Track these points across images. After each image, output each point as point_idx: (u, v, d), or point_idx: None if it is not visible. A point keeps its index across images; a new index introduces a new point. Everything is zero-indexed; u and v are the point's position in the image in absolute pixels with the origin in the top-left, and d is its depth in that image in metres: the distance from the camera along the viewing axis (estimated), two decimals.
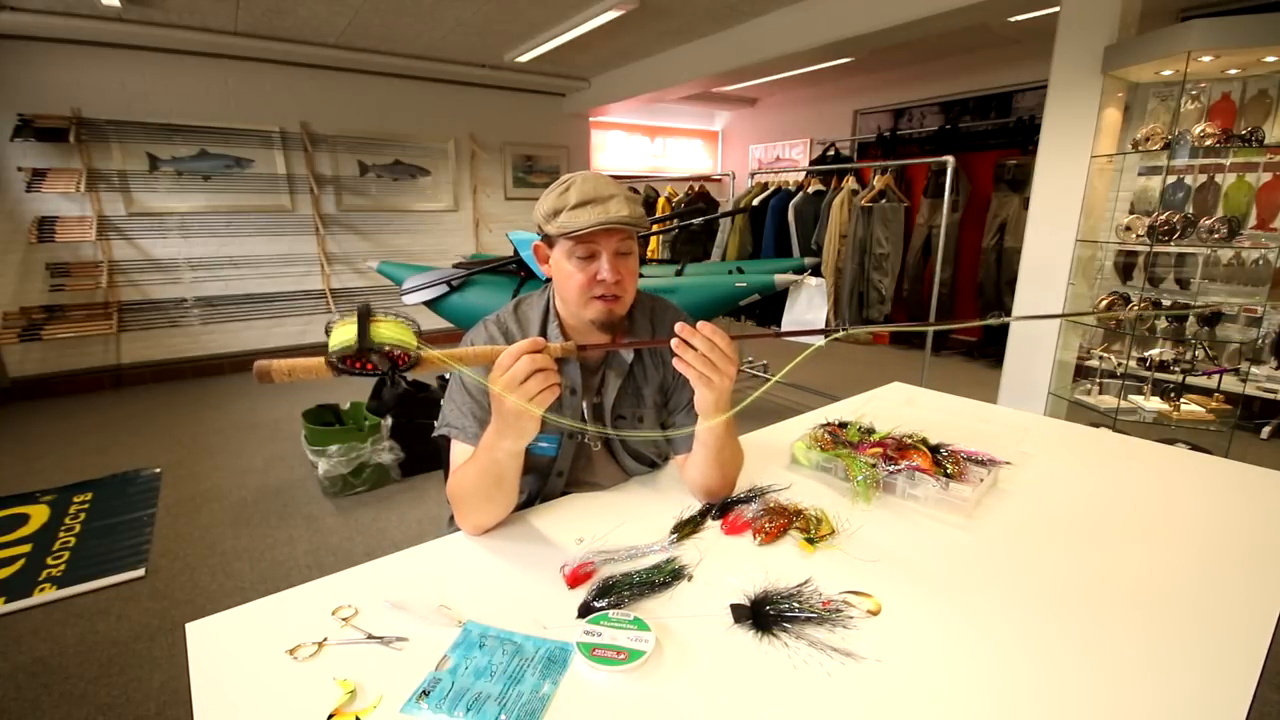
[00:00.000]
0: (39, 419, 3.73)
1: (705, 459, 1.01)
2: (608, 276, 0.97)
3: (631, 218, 0.95)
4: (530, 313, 1.09)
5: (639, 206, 0.99)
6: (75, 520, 2.47)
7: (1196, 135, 2.39)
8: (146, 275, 4.38)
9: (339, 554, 2.25)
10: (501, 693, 0.65)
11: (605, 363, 1.10)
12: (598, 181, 0.97)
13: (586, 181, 0.97)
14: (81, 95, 3.99)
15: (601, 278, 0.97)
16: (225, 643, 0.73)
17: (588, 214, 0.94)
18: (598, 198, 0.95)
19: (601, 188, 0.96)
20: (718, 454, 1.00)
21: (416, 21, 3.89)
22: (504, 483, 0.91)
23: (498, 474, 0.89)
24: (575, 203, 0.95)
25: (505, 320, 1.08)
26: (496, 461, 0.87)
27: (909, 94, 5.65)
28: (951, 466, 1.08)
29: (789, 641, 0.72)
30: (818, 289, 3.19)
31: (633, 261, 1.02)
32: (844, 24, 3.39)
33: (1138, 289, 2.88)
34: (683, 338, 0.85)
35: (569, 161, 6.16)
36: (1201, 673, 0.68)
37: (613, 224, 0.94)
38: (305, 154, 4.77)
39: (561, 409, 1.07)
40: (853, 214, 4.42)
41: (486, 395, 1.01)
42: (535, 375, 0.77)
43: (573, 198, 0.95)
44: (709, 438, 0.98)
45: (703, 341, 0.85)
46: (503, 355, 0.78)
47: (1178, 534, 0.99)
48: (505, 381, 0.78)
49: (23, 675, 1.65)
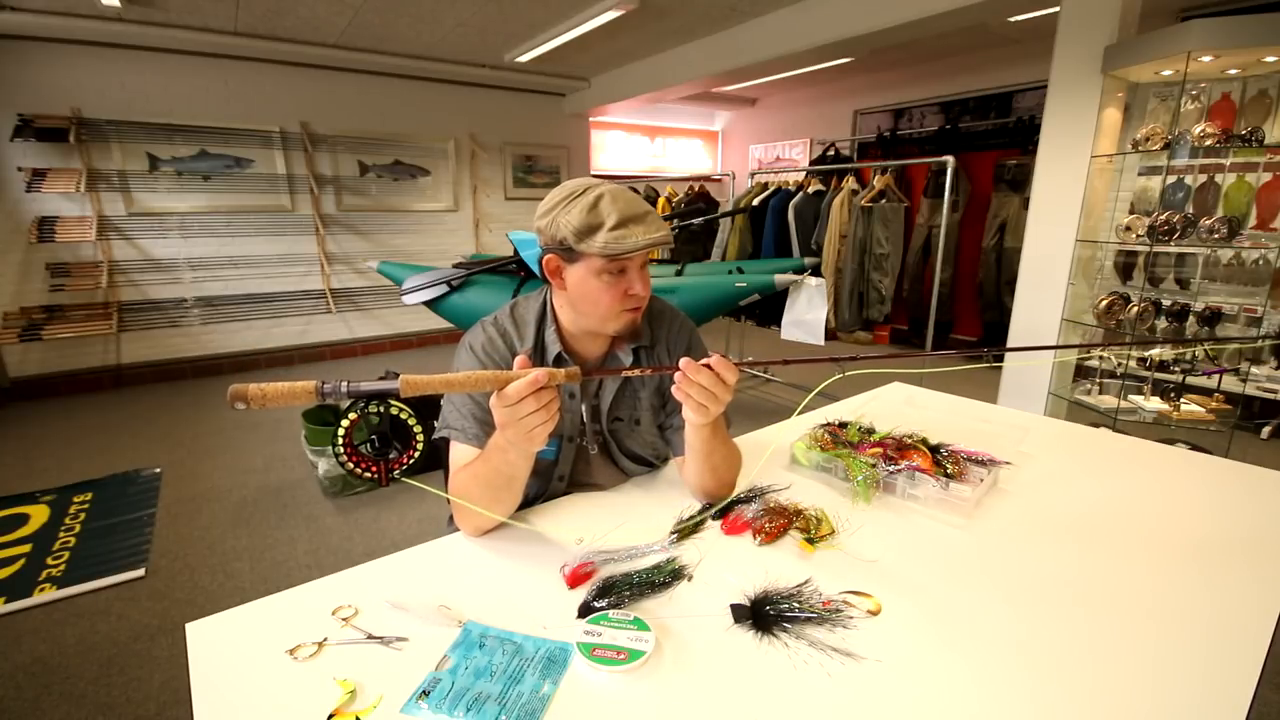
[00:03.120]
0: (39, 419, 3.73)
1: (697, 463, 1.01)
2: (640, 291, 0.98)
3: (668, 236, 0.95)
4: (527, 315, 1.09)
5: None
6: (75, 520, 2.47)
7: (1196, 135, 2.39)
8: (146, 275, 4.38)
9: (339, 554, 2.25)
10: (501, 693, 0.65)
11: (602, 366, 1.10)
12: (629, 198, 0.96)
13: (618, 199, 0.94)
14: (81, 95, 3.99)
15: (634, 292, 0.98)
16: (225, 643, 0.73)
17: (633, 235, 0.92)
18: (634, 215, 0.93)
19: (635, 205, 0.95)
20: (708, 458, 1.00)
21: (416, 21, 3.89)
22: (515, 483, 0.92)
23: (509, 475, 0.90)
24: (616, 222, 0.92)
25: (502, 322, 1.08)
26: (509, 463, 0.87)
27: (909, 94, 5.65)
28: (951, 466, 1.08)
29: (789, 641, 0.72)
30: (818, 289, 3.19)
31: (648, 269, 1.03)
32: (844, 24, 3.39)
33: (1138, 289, 2.88)
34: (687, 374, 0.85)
35: (569, 161, 6.16)
36: (1201, 673, 0.68)
37: (656, 244, 0.94)
38: (305, 154, 4.77)
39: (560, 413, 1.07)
40: (853, 214, 4.42)
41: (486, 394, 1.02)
42: (537, 411, 0.78)
43: (609, 216, 0.92)
44: (697, 442, 0.98)
45: (709, 378, 0.85)
46: (509, 388, 0.76)
47: (1178, 534, 0.99)
48: (507, 414, 0.78)
49: (23, 675, 1.65)
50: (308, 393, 0.65)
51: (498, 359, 1.04)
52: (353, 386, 0.68)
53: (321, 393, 0.65)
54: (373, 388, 0.69)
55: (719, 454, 1.01)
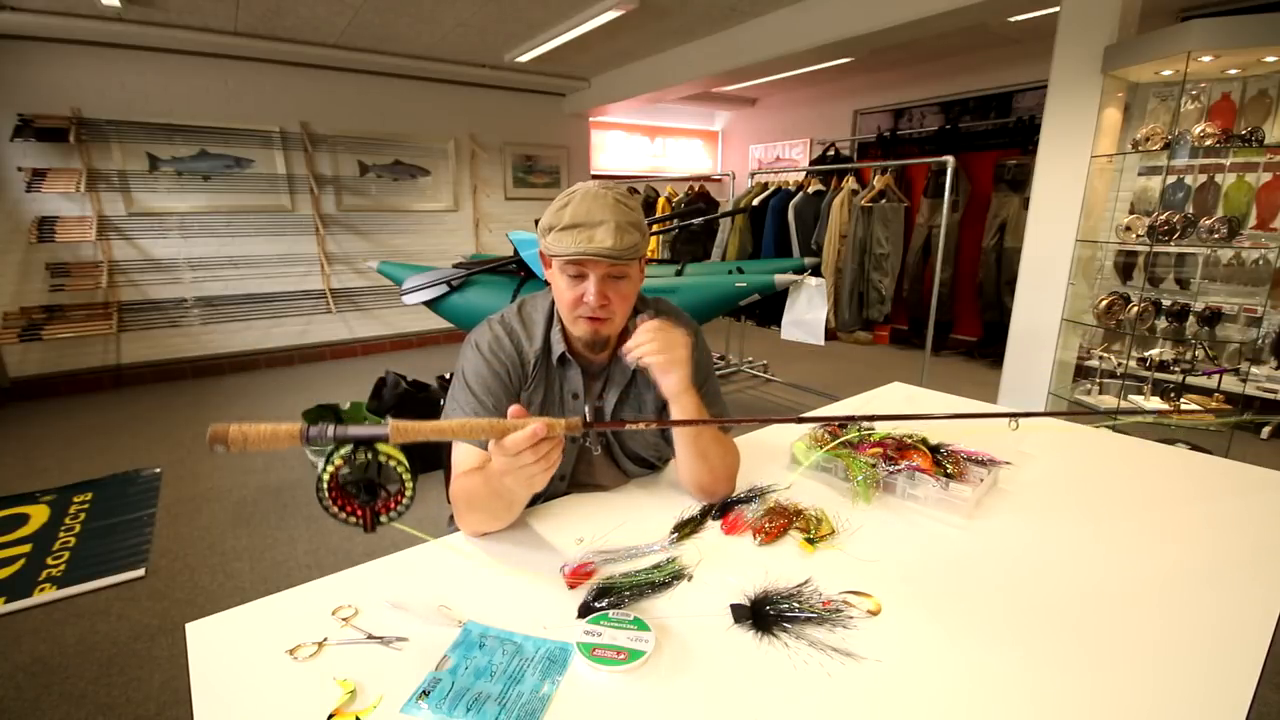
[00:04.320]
0: (39, 419, 3.73)
1: (685, 451, 1.01)
2: (591, 300, 0.96)
3: (615, 249, 0.91)
4: (534, 314, 1.09)
5: (633, 234, 0.94)
6: (75, 520, 2.47)
7: (1196, 135, 2.39)
8: (146, 275, 4.38)
9: (339, 554, 2.25)
10: (502, 693, 0.65)
11: (608, 369, 1.10)
12: (594, 203, 0.94)
13: (583, 201, 0.94)
14: (81, 95, 3.99)
15: (586, 300, 0.97)
16: (225, 643, 0.73)
17: (570, 239, 0.92)
18: (586, 223, 0.92)
19: (595, 212, 0.93)
20: (695, 443, 1.00)
21: (416, 21, 3.89)
22: (515, 505, 0.92)
23: (510, 500, 0.89)
24: (565, 224, 0.93)
25: (509, 321, 1.08)
26: (508, 489, 0.84)
27: (909, 94, 5.65)
28: (951, 466, 1.07)
29: (789, 641, 0.72)
30: (818, 289, 3.19)
31: (625, 285, 0.99)
32: (844, 24, 3.39)
33: (1138, 289, 2.88)
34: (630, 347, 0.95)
35: (569, 161, 6.16)
36: (1201, 672, 0.68)
37: (590, 256, 0.92)
38: (305, 154, 4.77)
39: (564, 413, 1.07)
40: (853, 214, 4.43)
41: (491, 393, 1.01)
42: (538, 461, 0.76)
43: (565, 218, 0.93)
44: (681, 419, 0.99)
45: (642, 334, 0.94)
46: (507, 440, 0.73)
47: (1177, 534, 0.99)
48: (506, 464, 0.76)
49: (23, 675, 1.65)
50: (292, 437, 0.63)
51: (504, 358, 1.03)
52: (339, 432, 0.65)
53: (306, 437, 0.63)
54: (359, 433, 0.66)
55: (706, 436, 1.01)
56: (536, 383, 1.05)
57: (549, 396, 1.07)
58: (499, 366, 1.02)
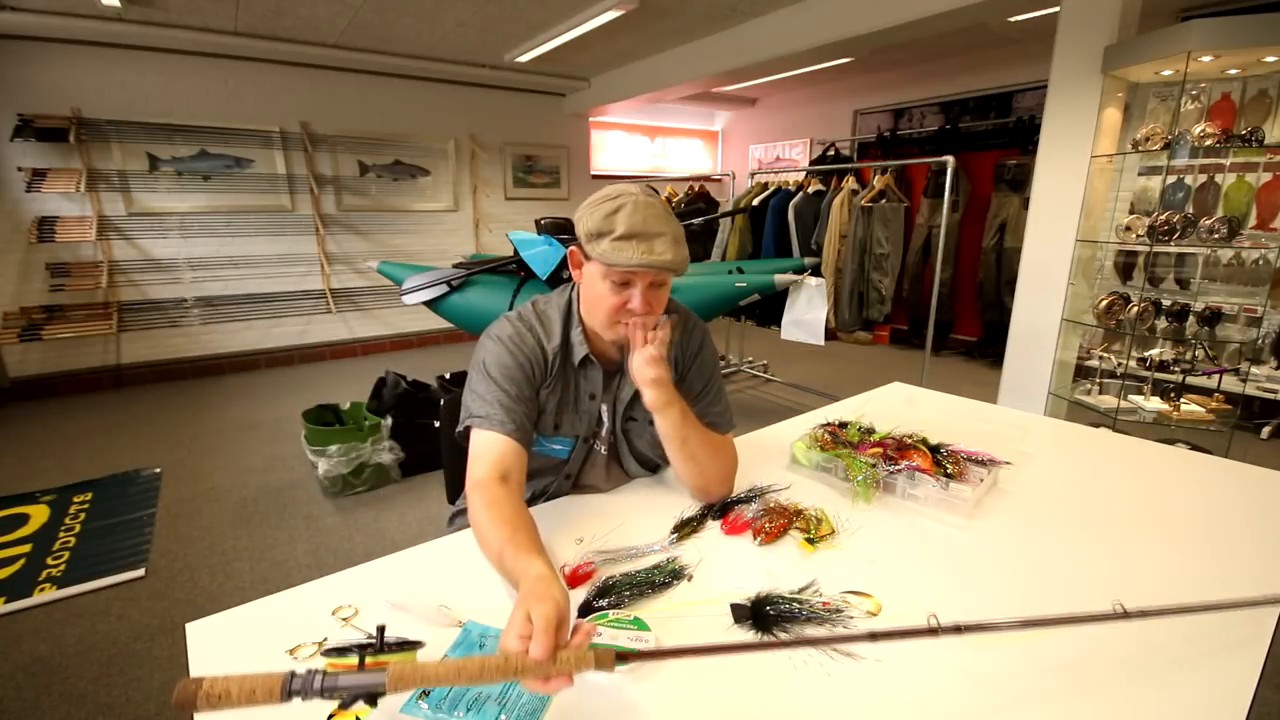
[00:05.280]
0: (39, 419, 3.73)
1: (675, 455, 1.02)
2: (638, 308, 0.96)
3: (675, 262, 0.93)
4: (551, 314, 1.07)
5: (685, 246, 0.97)
6: (75, 520, 2.47)
7: (1196, 135, 2.38)
8: (146, 275, 4.38)
9: (339, 554, 2.25)
10: (501, 693, 0.65)
11: (623, 367, 1.09)
12: (648, 213, 0.93)
13: (636, 210, 0.93)
14: (81, 95, 3.99)
15: (632, 307, 0.96)
16: (225, 643, 0.73)
17: (630, 251, 0.91)
18: (644, 233, 0.91)
19: (651, 223, 0.92)
20: (684, 444, 1.00)
21: (416, 21, 3.89)
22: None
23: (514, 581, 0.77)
24: (621, 233, 0.91)
25: (529, 318, 1.07)
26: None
27: (909, 94, 5.65)
28: (951, 466, 1.08)
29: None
30: (818, 289, 3.19)
31: (665, 291, 1.00)
32: (844, 24, 3.39)
33: (1138, 289, 2.88)
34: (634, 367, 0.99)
35: (569, 161, 6.16)
36: (1202, 672, 0.68)
37: (655, 268, 0.92)
38: (305, 154, 4.76)
39: (579, 413, 1.07)
40: (853, 214, 4.42)
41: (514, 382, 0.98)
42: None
43: (619, 226, 0.91)
44: (667, 428, 1.00)
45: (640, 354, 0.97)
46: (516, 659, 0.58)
47: (1177, 534, 0.99)
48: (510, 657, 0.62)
49: (23, 675, 1.65)
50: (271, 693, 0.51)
51: (527, 351, 1.02)
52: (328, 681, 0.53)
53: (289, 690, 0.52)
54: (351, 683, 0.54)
55: (694, 440, 1.01)
56: (555, 381, 1.05)
57: (565, 396, 1.06)
58: (522, 359, 1.01)
